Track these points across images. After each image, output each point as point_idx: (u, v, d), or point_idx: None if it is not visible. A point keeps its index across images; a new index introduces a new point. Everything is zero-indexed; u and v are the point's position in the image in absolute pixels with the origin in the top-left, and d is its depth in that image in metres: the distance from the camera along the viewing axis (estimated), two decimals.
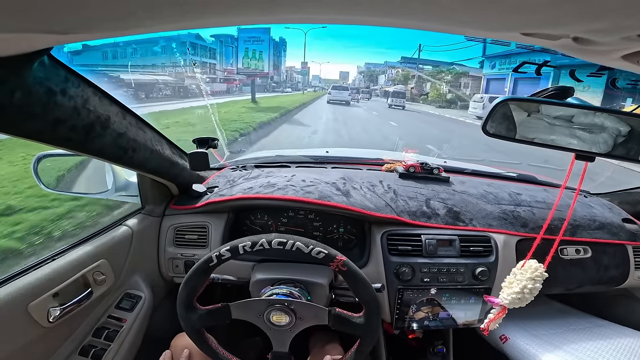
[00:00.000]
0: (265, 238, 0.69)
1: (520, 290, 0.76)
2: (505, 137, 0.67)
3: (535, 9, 0.28)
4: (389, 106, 20.52)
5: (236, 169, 1.28)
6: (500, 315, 0.82)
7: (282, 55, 39.68)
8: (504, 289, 0.80)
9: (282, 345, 0.75)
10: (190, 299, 0.72)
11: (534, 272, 0.76)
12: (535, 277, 0.76)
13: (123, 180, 1.09)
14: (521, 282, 0.76)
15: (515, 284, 0.78)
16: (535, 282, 0.76)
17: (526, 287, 0.76)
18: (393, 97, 21.02)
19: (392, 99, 20.88)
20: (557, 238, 0.77)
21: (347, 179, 1.12)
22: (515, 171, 1.46)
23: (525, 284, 0.76)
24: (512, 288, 0.78)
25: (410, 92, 27.57)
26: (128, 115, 0.70)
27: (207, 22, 0.35)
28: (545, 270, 0.75)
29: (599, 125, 0.63)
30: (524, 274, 0.77)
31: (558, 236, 0.77)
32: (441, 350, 1.12)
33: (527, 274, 0.76)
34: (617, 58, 0.38)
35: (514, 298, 0.77)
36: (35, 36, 0.36)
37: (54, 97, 0.50)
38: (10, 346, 0.66)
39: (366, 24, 0.36)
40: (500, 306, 0.81)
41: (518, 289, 0.76)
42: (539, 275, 0.76)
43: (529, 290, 0.76)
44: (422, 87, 29.00)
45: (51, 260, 0.78)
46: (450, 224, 1.03)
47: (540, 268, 0.76)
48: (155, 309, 1.02)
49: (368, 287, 0.70)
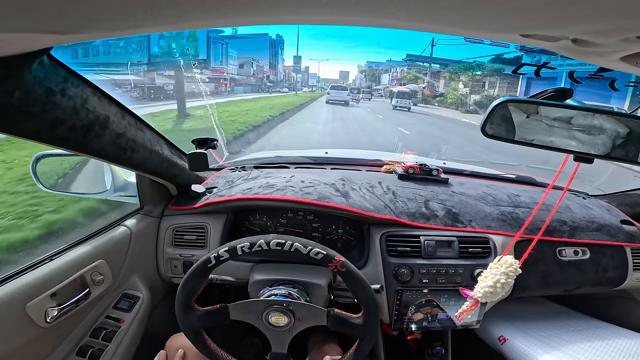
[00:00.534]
0: (263, 239, 0.69)
1: (493, 284, 0.78)
2: (504, 138, 0.68)
3: (534, 10, 0.29)
4: (393, 107, 19.46)
5: (235, 170, 1.28)
6: (472, 308, 0.85)
7: (280, 54, 39.11)
8: (479, 282, 0.83)
9: (281, 346, 0.74)
10: (188, 299, 0.72)
11: (508, 267, 0.78)
12: (509, 272, 0.77)
13: (122, 181, 1.09)
14: (495, 276, 0.78)
15: (489, 278, 0.79)
16: (509, 277, 0.78)
17: (499, 281, 0.78)
18: (398, 97, 19.92)
19: (397, 100, 19.72)
20: (535, 238, 0.79)
21: (346, 180, 1.12)
22: (514, 173, 1.47)
23: (499, 278, 0.78)
24: (486, 282, 0.79)
25: (422, 92, 26.78)
26: (127, 116, 0.70)
27: (207, 23, 0.35)
28: (521, 266, 0.77)
29: (598, 127, 0.63)
30: (499, 268, 0.79)
31: (536, 236, 0.79)
32: (440, 351, 1.12)
33: (501, 268, 0.78)
34: (616, 59, 0.39)
35: (486, 291, 0.79)
36: (35, 36, 0.36)
37: (53, 97, 0.50)
38: (7, 346, 0.66)
39: (365, 25, 0.36)
40: (474, 299, 0.83)
41: (491, 282, 0.78)
42: (513, 271, 0.78)
43: (501, 285, 0.78)
44: (435, 87, 27.48)
45: (49, 260, 0.77)
46: (449, 225, 1.03)
47: (515, 264, 0.78)
48: (153, 309, 1.02)
49: (367, 288, 0.70)
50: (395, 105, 19.63)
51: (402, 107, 19.33)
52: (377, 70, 47.06)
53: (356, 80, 59.75)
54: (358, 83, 52.73)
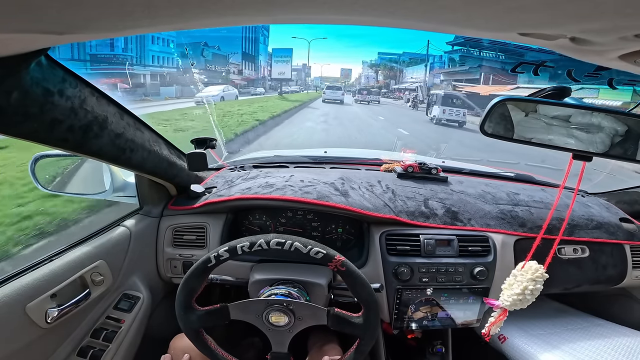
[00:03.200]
0: (263, 238, 0.69)
1: (522, 291, 0.75)
2: (503, 137, 0.68)
3: (532, 9, 0.29)
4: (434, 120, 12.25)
5: (234, 170, 1.28)
6: (501, 318, 0.81)
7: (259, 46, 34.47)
8: (504, 290, 0.79)
9: (281, 346, 0.75)
10: (188, 299, 0.72)
11: (534, 273, 0.75)
12: (536, 278, 0.75)
13: (121, 181, 1.09)
14: (522, 284, 0.75)
15: (515, 286, 0.77)
16: (537, 283, 0.75)
17: (527, 288, 0.75)
18: (446, 105, 12.15)
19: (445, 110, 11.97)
20: (557, 238, 0.76)
21: (345, 179, 1.12)
22: (513, 171, 1.47)
23: (526, 285, 0.75)
24: (513, 289, 0.77)
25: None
26: (126, 116, 0.70)
27: (205, 23, 0.35)
28: (545, 270, 0.75)
29: (597, 125, 0.63)
30: (524, 275, 0.76)
31: (558, 236, 0.76)
32: (440, 350, 1.13)
33: (527, 275, 0.75)
34: (614, 58, 0.39)
35: (515, 300, 0.76)
36: (33, 36, 0.36)
37: (51, 97, 0.50)
38: (8, 347, 0.66)
39: (364, 24, 0.36)
40: (501, 308, 0.80)
41: (519, 290, 0.75)
42: (540, 276, 0.75)
43: (530, 292, 0.75)
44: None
45: (49, 261, 0.77)
46: (449, 224, 1.03)
47: (540, 269, 0.75)
48: (153, 309, 1.02)
49: (367, 287, 0.70)
50: (440, 119, 12.02)
51: (452, 121, 11.86)
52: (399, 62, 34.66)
53: (361, 77, 49.32)
54: (364, 82, 43.28)
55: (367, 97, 21.43)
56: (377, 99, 22.74)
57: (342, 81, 52.16)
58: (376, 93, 24.53)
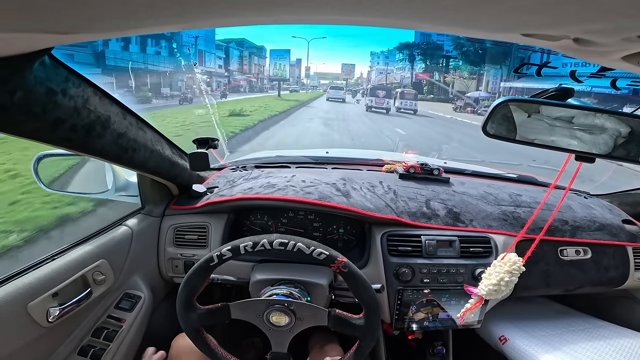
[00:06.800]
0: (266, 238, 0.69)
1: (497, 282, 0.80)
2: (506, 138, 0.67)
3: (535, 9, 0.28)
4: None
5: (236, 170, 1.28)
6: (477, 305, 0.86)
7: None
8: (483, 279, 0.84)
9: (281, 346, 0.75)
10: (190, 297, 0.72)
11: (512, 265, 0.79)
12: (512, 270, 0.79)
13: (123, 180, 1.09)
14: (499, 274, 0.79)
15: (493, 276, 0.80)
16: (512, 275, 0.79)
17: (503, 279, 0.79)
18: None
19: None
20: (537, 237, 0.80)
21: (347, 180, 1.12)
22: (515, 172, 1.46)
23: (503, 276, 0.79)
24: (490, 280, 0.81)
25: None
26: (128, 116, 0.70)
27: (207, 23, 0.35)
28: (524, 264, 0.78)
29: (599, 126, 0.63)
30: (502, 266, 0.80)
31: (539, 235, 0.79)
32: (441, 351, 1.12)
33: (505, 266, 0.79)
34: (617, 59, 0.38)
35: (490, 289, 0.80)
36: (36, 36, 0.36)
37: (54, 97, 0.50)
38: (9, 346, 0.66)
39: (366, 24, 0.36)
40: (478, 297, 0.84)
41: (495, 280, 0.80)
42: (517, 269, 0.79)
43: (505, 283, 0.79)
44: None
45: (51, 260, 0.78)
46: (450, 225, 1.03)
47: (518, 262, 0.79)
48: (154, 309, 1.02)
49: (368, 289, 0.70)
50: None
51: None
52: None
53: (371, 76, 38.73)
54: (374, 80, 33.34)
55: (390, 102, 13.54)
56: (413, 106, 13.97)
57: (343, 77, 45.66)
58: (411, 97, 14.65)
